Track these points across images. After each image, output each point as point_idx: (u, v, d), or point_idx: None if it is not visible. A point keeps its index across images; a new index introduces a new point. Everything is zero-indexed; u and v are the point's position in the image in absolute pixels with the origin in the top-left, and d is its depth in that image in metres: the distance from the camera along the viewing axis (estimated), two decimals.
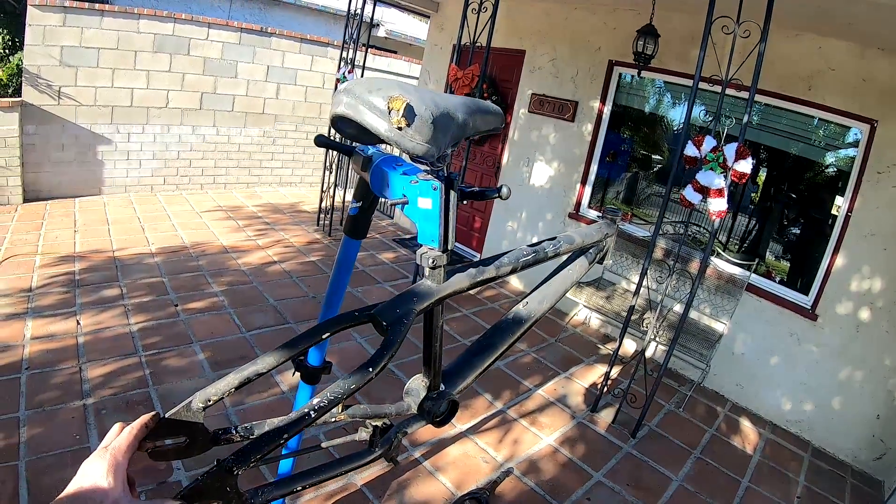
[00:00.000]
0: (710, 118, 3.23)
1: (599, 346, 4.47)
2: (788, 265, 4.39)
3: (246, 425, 0.84)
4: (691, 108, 2.85)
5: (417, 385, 0.97)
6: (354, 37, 5.43)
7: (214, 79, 6.74)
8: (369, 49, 6.21)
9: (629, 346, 4.36)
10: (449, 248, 0.87)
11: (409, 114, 0.74)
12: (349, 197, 6.35)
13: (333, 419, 0.89)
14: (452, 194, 0.85)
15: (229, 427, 0.84)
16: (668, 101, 4.69)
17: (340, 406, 0.87)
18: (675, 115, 4.63)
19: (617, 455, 3.11)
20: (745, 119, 2.69)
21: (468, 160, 5.69)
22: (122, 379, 2.99)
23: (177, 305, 3.87)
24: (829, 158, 3.94)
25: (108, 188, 6.34)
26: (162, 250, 4.86)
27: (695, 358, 3.76)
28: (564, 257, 1.25)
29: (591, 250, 1.25)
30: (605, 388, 3.46)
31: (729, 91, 2.75)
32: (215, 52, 6.66)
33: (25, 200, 5.72)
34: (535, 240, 4.57)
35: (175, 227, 5.54)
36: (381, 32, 10.06)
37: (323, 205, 6.06)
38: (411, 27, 10.52)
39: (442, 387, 0.98)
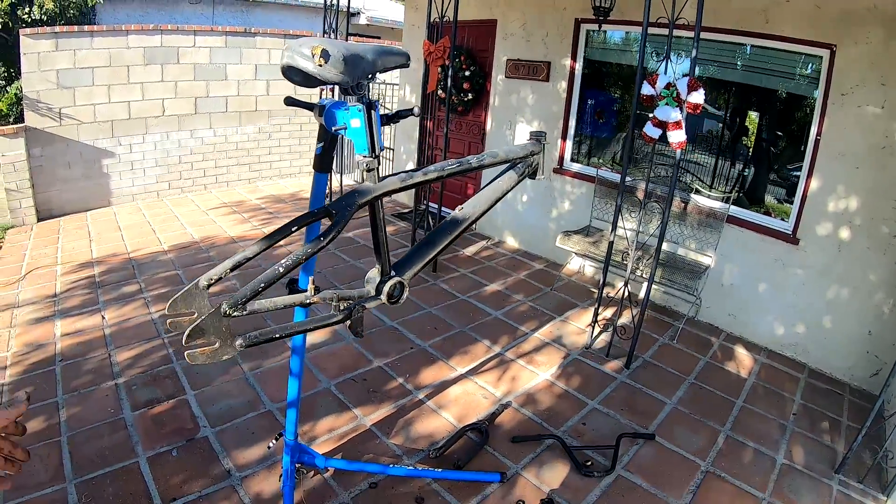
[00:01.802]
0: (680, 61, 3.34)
1: (593, 290, 4.66)
2: (770, 197, 4.50)
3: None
4: (643, 50, 3.01)
5: (374, 274, 1.22)
6: (334, 26, 5.61)
7: (206, 83, 6.98)
8: (352, 37, 6.39)
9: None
10: (376, 154, 1.13)
11: (325, 55, 1.06)
12: (347, 181, 6.59)
13: (309, 301, 1.11)
14: (374, 113, 1.15)
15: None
16: (647, 53, 4.75)
17: (313, 290, 1.10)
18: (655, 69, 4.66)
19: (612, 384, 3.32)
20: (694, 54, 2.85)
21: (456, 130, 5.90)
22: (149, 359, 3.26)
23: None
24: (798, 87, 4.04)
25: (116, 199, 6.63)
26: (174, 247, 5.15)
27: (681, 290, 3.94)
28: (494, 171, 1.46)
29: (519, 165, 1.46)
30: (595, 324, 3.67)
31: (687, 33, 2.90)
32: (204, 57, 6.90)
33: (39, 220, 6.03)
34: (524, 199, 4.75)
35: (184, 226, 5.82)
36: (362, 20, 10.24)
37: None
38: (392, 12, 10.66)
39: (393, 273, 1.20)
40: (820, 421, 3.18)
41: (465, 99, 5.68)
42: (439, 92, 5.00)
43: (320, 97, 4.90)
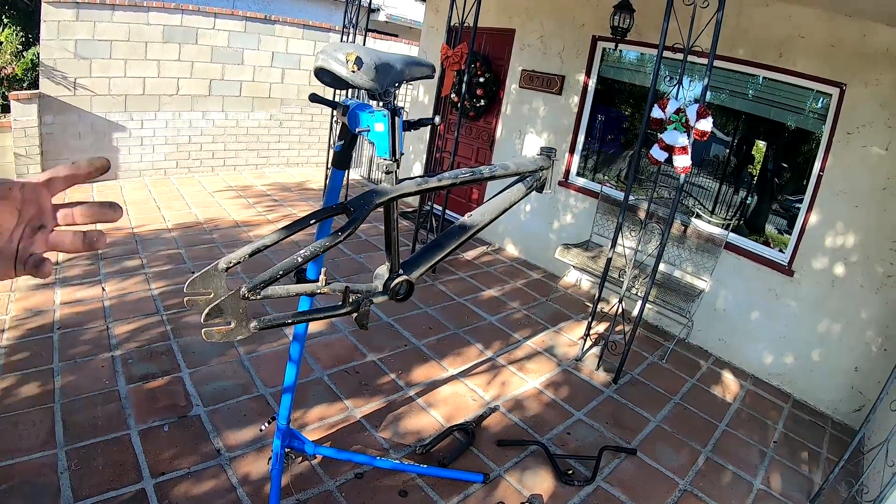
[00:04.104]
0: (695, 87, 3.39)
1: (589, 304, 4.71)
2: (770, 227, 4.56)
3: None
4: (656, 74, 3.07)
5: (383, 270, 1.27)
6: (354, 21, 5.67)
7: (222, 66, 7.02)
8: (370, 33, 6.45)
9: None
10: (397, 158, 1.18)
11: (359, 62, 1.12)
12: (353, 175, 6.65)
13: (320, 291, 1.16)
14: (397, 119, 1.21)
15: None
16: (660, 76, 4.79)
17: (324, 281, 1.15)
18: (667, 91, 4.70)
19: (598, 398, 3.37)
20: (706, 81, 2.91)
21: (466, 135, 5.96)
22: (147, 334, 3.31)
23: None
24: (805, 122, 4.10)
25: (123, 173, 6.66)
26: (178, 226, 5.19)
27: (674, 311, 4.00)
28: (504, 182, 1.53)
29: (528, 178, 1.53)
30: (588, 337, 3.73)
31: (702, 60, 2.95)
32: (222, 40, 6.94)
33: None
34: (528, 209, 4.80)
35: (189, 206, 5.86)
36: (381, 17, 10.29)
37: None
38: (411, 10, 10.72)
39: (401, 271, 1.26)
40: (800, 450, 3.24)
41: (478, 105, 5.74)
42: (453, 96, 5.06)
43: (336, 96, 4.94)
